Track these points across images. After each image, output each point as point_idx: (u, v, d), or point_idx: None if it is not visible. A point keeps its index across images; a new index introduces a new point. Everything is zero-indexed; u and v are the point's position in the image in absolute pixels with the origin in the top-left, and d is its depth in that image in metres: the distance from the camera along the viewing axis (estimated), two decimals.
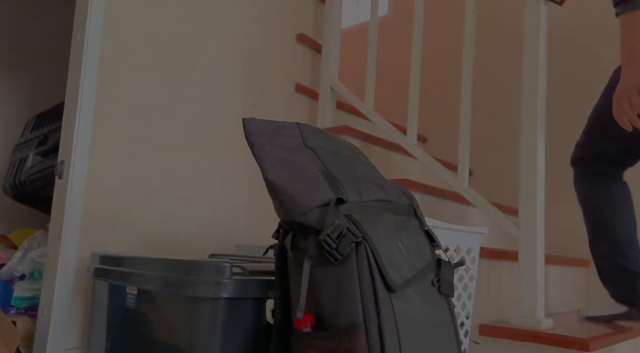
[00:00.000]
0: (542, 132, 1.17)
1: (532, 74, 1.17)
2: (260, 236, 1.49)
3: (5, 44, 1.98)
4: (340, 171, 0.73)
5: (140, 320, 0.86)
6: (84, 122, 1.10)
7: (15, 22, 2.01)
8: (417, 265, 0.71)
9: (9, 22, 1.99)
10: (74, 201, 1.07)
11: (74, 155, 1.08)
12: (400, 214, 0.76)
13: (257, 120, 0.74)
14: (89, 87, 1.11)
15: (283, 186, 0.67)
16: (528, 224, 1.14)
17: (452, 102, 2.22)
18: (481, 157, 2.07)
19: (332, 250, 0.62)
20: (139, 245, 1.19)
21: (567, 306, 1.60)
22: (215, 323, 0.73)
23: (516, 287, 1.34)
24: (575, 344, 1.02)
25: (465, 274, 1.07)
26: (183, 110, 1.32)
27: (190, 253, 1.30)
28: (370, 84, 1.57)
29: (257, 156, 0.70)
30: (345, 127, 1.54)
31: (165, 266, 0.81)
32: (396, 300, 0.63)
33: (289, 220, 0.69)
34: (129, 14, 1.21)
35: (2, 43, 1.97)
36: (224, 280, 0.73)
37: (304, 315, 0.65)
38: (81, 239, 1.09)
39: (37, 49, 2.07)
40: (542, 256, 1.13)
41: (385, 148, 1.66)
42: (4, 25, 1.98)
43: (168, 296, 0.80)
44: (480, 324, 1.15)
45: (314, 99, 1.74)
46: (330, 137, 0.81)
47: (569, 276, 1.62)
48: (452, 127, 2.20)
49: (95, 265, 1.00)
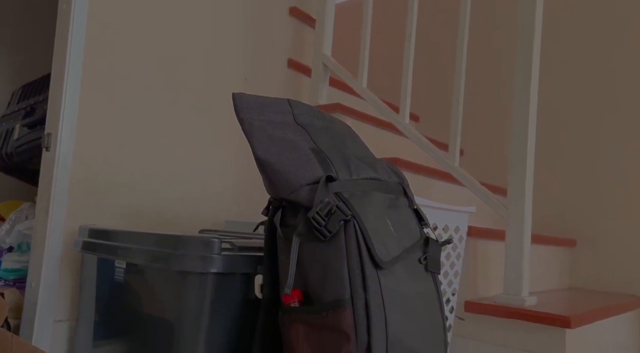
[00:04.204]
0: (533, 114, 1.17)
1: (526, 55, 1.17)
2: (250, 213, 1.49)
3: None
4: (331, 149, 0.73)
5: (128, 294, 0.87)
6: (71, 94, 1.08)
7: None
8: (405, 243, 0.71)
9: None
10: (61, 174, 1.06)
11: (61, 128, 1.06)
12: (390, 193, 0.77)
13: (247, 95, 0.73)
14: (76, 58, 1.09)
15: (272, 163, 0.67)
16: (516, 204, 1.15)
17: (446, 81, 2.21)
18: (472, 137, 2.08)
19: (321, 228, 0.63)
20: (128, 220, 1.19)
21: (551, 285, 1.63)
22: (203, 298, 0.73)
23: (502, 266, 1.36)
24: (557, 321, 1.04)
25: (453, 252, 1.09)
26: (173, 84, 1.30)
27: (180, 229, 1.30)
28: (364, 61, 1.55)
29: (246, 132, 0.70)
30: (338, 104, 1.53)
31: (153, 240, 0.81)
32: (383, 276, 0.64)
33: (279, 197, 0.69)
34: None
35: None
36: (212, 256, 0.73)
37: (292, 290, 0.65)
38: (69, 212, 1.08)
39: (22, 19, 2.02)
40: (528, 235, 1.15)
41: (377, 126, 1.66)
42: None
43: (156, 270, 0.81)
44: (465, 301, 1.18)
45: (306, 75, 1.72)
46: (321, 114, 0.81)
47: (554, 255, 1.65)
48: (445, 107, 2.20)
49: (84, 238, 0.99)
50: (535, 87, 1.17)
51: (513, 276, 1.14)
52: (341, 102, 1.82)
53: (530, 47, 1.16)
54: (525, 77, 1.17)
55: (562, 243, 1.66)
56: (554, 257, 1.65)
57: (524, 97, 1.16)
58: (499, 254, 1.35)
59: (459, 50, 1.32)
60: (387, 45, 2.43)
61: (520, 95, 1.17)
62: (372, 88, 2.43)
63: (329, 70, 1.65)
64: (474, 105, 2.09)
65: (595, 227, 1.74)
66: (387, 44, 2.43)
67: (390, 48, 2.42)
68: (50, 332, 1.04)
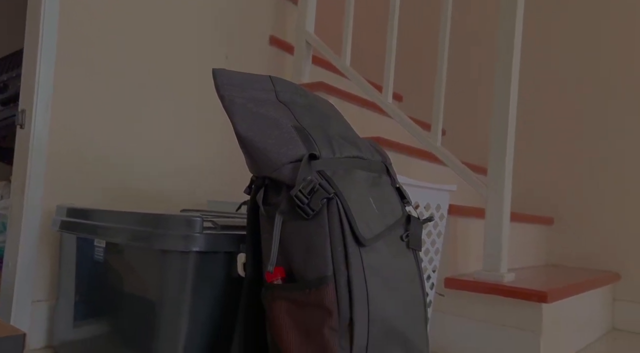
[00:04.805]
0: (514, 95, 1.18)
1: (507, 35, 1.17)
2: (233, 193, 1.49)
3: None
4: (314, 127, 0.72)
5: (109, 273, 0.86)
6: (46, 69, 1.05)
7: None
8: (387, 220, 0.72)
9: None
10: (37, 152, 1.03)
11: (36, 104, 1.03)
12: (373, 171, 0.77)
13: (228, 71, 0.71)
14: (50, 32, 1.05)
15: (254, 141, 0.66)
16: (496, 183, 1.16)
17: (429, 62, 2.21)
18: (454, 117, 2.09)
19: (303, 206, 0.63)
20: (107, 199, 1.17)
21: (529, 261, 1.67)
22: (186, 277, 0.73)
23: (481, 243, 1.39)
24: (534, 296, 1.07)
25: (434, 230, 1.10)
26: (152, 61, 1.27)
27: (161, 209, 1.29)
28: (347, 38, 1.53)
29: (227, 109, 0.69)
30: (321, 83, 1.52)
31: (134, 219, 0.80)
32: (365, 254, 0.65)
33: (261, 175, 0.68)
34: None
35: None
36: (194, 234, 0.73)
37: (275, 268, 0.66)
38: (46, 191, 1.06)
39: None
40: (507, 213, 1.17)
41: (361, 106, 1.65)
42: None
43: (137, 249, 0.80)
44: (445, 277, 1.20)
45: (289, 53, 1.70)
46: (304, 92, 0.80)
47: (532, 233, 1.69)
48: (428, 87, 2.20)
49: (62, 217, 0.98)
50: (516, 68, 1.18)
51: (492, 253, 1.16)
52: (324, 80, 1.81)
53: (512, 27, 1.16)
54: (507, 58, 1.17)
55: (540, 221, 1.69)
56: (532, 235, 1.69)
57: (505, 78, 1.17)
58: (478, 232, 1.38)
59: (442, 31, 1.31)
60: (371, 25, 2.40)
61: (501, 77, 1.17)
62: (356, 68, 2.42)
63: (312, 48, 1.62)
64: (457, 86, 2.10)
65: (572, 206, 1.78)
66: (371, 23, 2.41)
67: (374, 28, 2.39)
68: (29, 312, 1.03)
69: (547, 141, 1.86)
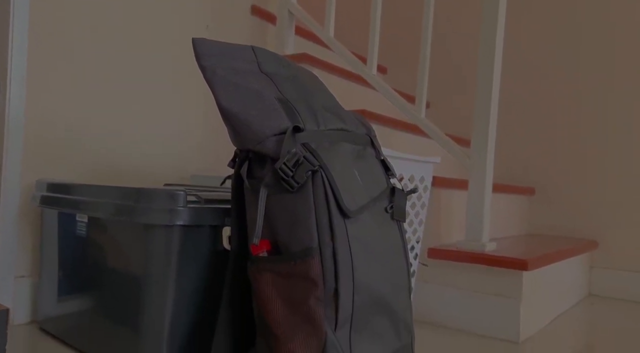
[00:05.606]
0: (498, 68, 1.18)
1: (492, 7, 1.16)
2: (217, 167, 1.47)
3: None
4: (298, 99, 0.71)
5: (92, 248, 0.85)
6: (19, 44, 1.01)
7: None
8: (372, 192, 0.72)
9: None
10: (14, 128, 1.01)
11: (10, 79, 1.00)
12: (357, 144, 0.76)
13: (208, 41, 0.69)
14: (22, 3, 1.00)
15: (237, 113, 0.65)
16: (479, 154, 1.17)
17: (414, 34, 2.18)
18: (438, 90, 2.08)
19: (288, 179, 0.62)
20: (88, 175, 1.15)
21: (511, 231, 1.71)
22: (170, 251, 0.73)
23: (464, 214, 1.41)
24: (515, 264, 1.10)
25: (418, 202, 1.11)
26: (131, 32, 1.23)
27: (144, 184, 1.27)
28: (331, 8, 1.50)
29: (209, 81, 0.67)
30: (305, 54, 1.49)
31: (116, 193, 0.78)
32: (350, 225, 0.65)
33: (245, 148, 0.67)
34: None
35: None
36: (178, 208, 0.72)
37: (260, 240, 0.66)
38: (25, 167, 1.04)
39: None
40: (490, 184, 1.18)
41: (345, 78, 1.63)
42: None
43: (120, 224, 0.79)
44: (429, 248, 1.22)
45: (271, 23, 1.66)
46: (288, 63, 0.78)
47: (513, 203, 1.72)
48: (412, 60, 2.18)
49: (42, 193, 0.96)
50: (500, 41, 1.18)
51: (474, 223, 1.18)
52: (308, 51, 1.78)
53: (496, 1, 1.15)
54: (491, 32, 1.16)
55: (522, 191, 1.72)
56: (513, 205, 1.72)
57: (489, 52, 1.16)
58: (461, 203, 1.39)
59: (427, 2, 1.29)
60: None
61: (485, 50, 1.17)
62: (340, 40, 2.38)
63: (295, 18, 1.59)
64: (441, 58, 2.08)
65: (553, 177, 1.81)
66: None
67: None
68: (11, 288, 1.02)
69: (529, 114, 1.87)
